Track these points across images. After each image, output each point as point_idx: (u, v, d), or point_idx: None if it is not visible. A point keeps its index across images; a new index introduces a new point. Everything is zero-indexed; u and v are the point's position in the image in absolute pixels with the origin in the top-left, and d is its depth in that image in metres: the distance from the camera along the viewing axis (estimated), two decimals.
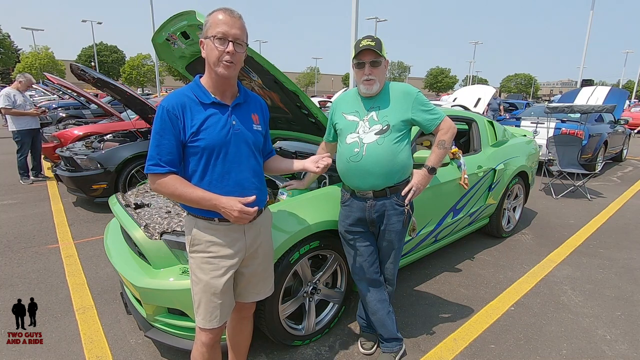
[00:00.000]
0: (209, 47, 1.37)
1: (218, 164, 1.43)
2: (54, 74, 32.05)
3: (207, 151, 1.40)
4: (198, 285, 1.48)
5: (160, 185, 1.40)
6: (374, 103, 1.89)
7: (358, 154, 1.84)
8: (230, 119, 1.44)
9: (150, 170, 1.39)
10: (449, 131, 1.89)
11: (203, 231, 1.46)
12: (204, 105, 1.41)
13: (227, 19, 1.34)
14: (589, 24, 19.28)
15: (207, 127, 1.39)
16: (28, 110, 5.59)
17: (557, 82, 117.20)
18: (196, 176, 1.43)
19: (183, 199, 1.40)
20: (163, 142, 1.37)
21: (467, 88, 9.46)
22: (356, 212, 1.95)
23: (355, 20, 10.10)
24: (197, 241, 1.47)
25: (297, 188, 2.32)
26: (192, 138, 1.38)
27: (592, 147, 6.84)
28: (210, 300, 1.48)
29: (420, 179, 1.90)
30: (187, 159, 1.43)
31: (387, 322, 2.06)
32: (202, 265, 1.47)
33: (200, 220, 1.46)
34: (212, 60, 1.37)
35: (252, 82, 2.54)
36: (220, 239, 1.47)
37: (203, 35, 1.39)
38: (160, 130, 1.37)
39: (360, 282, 2.05)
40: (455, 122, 2.06)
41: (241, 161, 1.47)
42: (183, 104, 1.38)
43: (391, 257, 2.03)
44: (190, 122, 1.38)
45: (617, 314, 2.63)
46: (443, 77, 65.93)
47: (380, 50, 1.79)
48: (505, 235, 3.94)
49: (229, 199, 1.40)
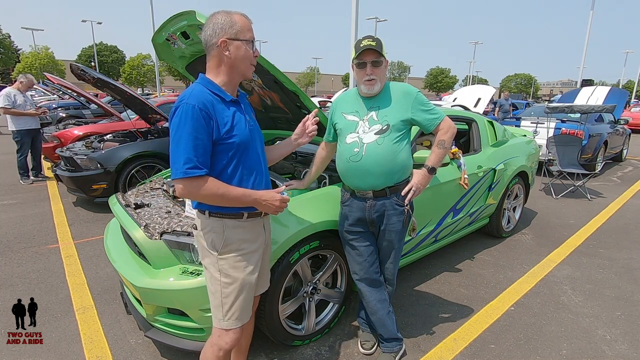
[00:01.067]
0: (241, 49, 1.40)
1: (247, 159, 1.46)
2: (54, 74, 32.05)
3: (241, 147, 1.42)
4: (232, 286, 1.48)
5: (198, 188, 1.35)
6: (374, 103, 1.89)
7: (358, 154, 1.84)
8: (246, 116, 1.49)
9: (189, 174, 1.31)
10: (449, 131, 1.90)
11: (233, 230, 1.47)
12: (226, 103, 1.42)
13: (250, 25, 1.44)
14: (589, 24, 19.27)
15: (237, 124, 1.42)
16: (27, 110, 5.59)
17: (557, 82, 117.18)
18: (226, 173, 1.42)
19: (225, 198, 1.38)
20: (198, 143, 1.32)
21: (467, 88, 9.46)
22: (356, 212, 1.95)
23: (355, 20, 10.10)
24: (229, 241, 1.46)
25: (297, 188, 2.32)
26: (227, 135, 1.38)
27: (592, 147, 6.84)
28: (245, 298, 1.51)
29: (420, 179, 1.90)
30: (215, 156, 1.40)
31: (387, 322, 2.06)
32: (237, 264, 1.48)
33: (228, 220, 1.46)
34: (244, 62, 1.42)
35: (252, 82, 2.55)
36: (248, 234, 1.50)
37: (231, 35, 1.38)
38: (194, 130, 1.31)
39: (360, 282, 2.05)
40: (455, 122, 2.06)
41: (260, 154, 1.54)
42: (211, 102, 1.37)
43: (391, 257, 2.03)
44: (222, 119, 1.38)
45: (617, 314, 2.63)
46: (443, 77, 65.90)
47: (381, 50, 1.80)
48: (505, 235, 3.94)
49: (267, 192, 1.47)
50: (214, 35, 1.38)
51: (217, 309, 1.51)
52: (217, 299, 1.50)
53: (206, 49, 1.43)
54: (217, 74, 1.44)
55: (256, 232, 1.54)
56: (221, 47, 1.38)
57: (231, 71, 1.43)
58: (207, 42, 1.41)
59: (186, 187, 1.34)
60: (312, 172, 2.28)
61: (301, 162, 3.06)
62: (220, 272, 1.48)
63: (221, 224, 1.46)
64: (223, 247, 1.46)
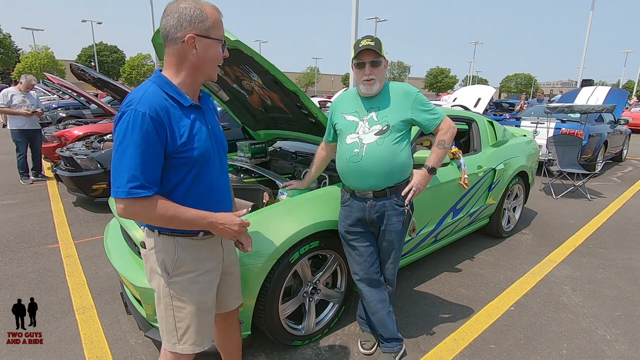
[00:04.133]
0: (211, 49, 1.22)
1: (205, 175, 1.28)
2: (54, 74, 32.04)
3: (199, 161, 1.24)
4: (185, 310, 1.31)
5: (144, 210, 1.16)
6: (374, 103, 1.89)
7: (358, 155, 1.84)
8: (207, 124, 1.30)
9: (133, 194, 1.12)
10: (449, 131, 1.89)
11: (187, 250, 1.29)
12: (184, 110, 1.22)
13: (222, 20, 1.25)
14: (589, 24, 19.28)
15: (196, 134, 1.22)
16: (19, 110, 5.60)
17: (557, 82, 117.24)
18: (179, 191, 1.23)
19: (175, 221, 1.20)
20: (147, 158, 1.12)
21: (467, 88, 9.47)
22: (356, 213, 1.94)
23: (355, 20, 10.11)
24: (182, 261, 1.29)
25: (297, 188, 2.32)
26: (183, 148, 1.19)
27: (592, 147, 6.84)
28: (202, 321, 1.35)
29: (420, 179, 1.90)
30: (167, 172, 1.20)
31: (388, 322, 2.06)
32: (191, 287, 1.30)
33: (180, 239, 1.28)
34: (212, 64, 1.25)
35: (252, 82, 2.54)
36: (203, 253, 1.34)
37: (201, 31, 1.19)
38: (143, 143, 1.11)
39: (360, 282, 2.05)
40: (455, 122, 2.06)
41: (222, 168, 1.36)
42: (165, 109, 1.16)
43: (391, 257, 2.03)
44: (178, 129, 1.18)
45: (617, 314, 2.63)
46: (443, 77, 65.90)
47: (380, 50, 1.79)
48: (505, 235, 3.94)
49: (225, 215, 1.28)
50: (179, 28, 1.17)
51: (170, 334, 1.34)
52: (170, 324, 1.33)
53: (165, 40, 1.21)
54: (177, 73, 1.23)
55: (212, 250, 1.37)
56: (187, 43, 1.17)
57: (195, 72, 1.24)
58: (168, 33, 1.19)
59: (128, 208, 1.14)
60: (312, 172, 2.28)
61: (301, 162, 3.06)
62: (172, 296, 1.30)
63: (172, 243, 1.28)
64: (175, 268, 1.29)
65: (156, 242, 1.29)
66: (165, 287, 1.30)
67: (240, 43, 1.94)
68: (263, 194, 2.38)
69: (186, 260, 1.30)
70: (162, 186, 1.20)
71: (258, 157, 3.21)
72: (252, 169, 2.94)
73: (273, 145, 3.62)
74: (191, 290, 1.31)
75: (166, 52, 1.22)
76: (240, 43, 1.94)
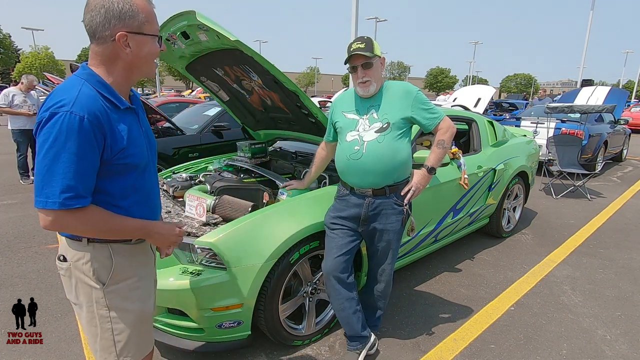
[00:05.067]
0: (145, 45, 1.12)
1: (143, 182, 1.20)
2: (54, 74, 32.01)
3: (138, 169, 1.16)
4: (125, 320, 1.21)
5: (78, 221, 1.06)
6: (374, 102, 1.89)
7: (358, 152, 1.84)
8: (142, 127, 1.22)
9: (68, 205, 1.01)
10: (448, 131, 1.89)
11: (123, 255, 1.20)
12: (120, 112, 1.12)
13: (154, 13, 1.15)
14: (589, 24, 19.27)
15: (134, 139, 1.13)
16: (20, 110, 5.61)
17: (557, 82, 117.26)
18: (118, 200, 1.15)
19: (110, 232, 1.13)
20: (84, 166, 1.02)
21: (467, 88, 9.46)
22: (352, 208, 1.93)
23: (355, 21, 10.11)
24: (120, 269, 1.20)
25: (297, 188, 2.32)
26: (122, 154, 1.10)
27: (592, 147, 6.84)
28: (143, 329, 1.27)
29: (420, 179, 1.90)
30: (103, 179, 1.10)
31: (353, 320, 2.03)
32: (132, 293, 1.22)
33: (115, 245, 1.18)
34: (149, 61, 1.16)
35: (252, 82, 2.55)
36: (140, 257, 1.27)
37: (132, 28, 1.08)
38: (80, 149, 1.00)
39: (329, 278, 1.99)
40: (455, 122, 2.06)
41: (155, 172, 1.29)
42: (105, 112, 1.06)
43: (388, 257, 2.02)
44: (117, 135, 1.09)
45: (617, 314, 2.63)
46: (443, 77, 65.88)
47: (371, 51, 1.78)
48: (505, 235, 3.94)
49: (163, 224, 1.25)
50: (107, 26, 1.05)
51: (106, 351, 1.21)
52: (107, 339, 1.20)
53: (92, 38, 1.08)
54: (109, 72, 1.11)
55: (146, 254, 1.31)
56: (119, 42, 1.07)
57: (130, 71, 1.14)
58: (94, 32, 1.07)
59: (59, 221, 1.04)
60: (312, 172, 2.28)
61: (301, 162, 3.06)
62: (109, 307, 1.19)
63: (106, 250, 1.17)
64: (112, 277, 1.18)
65: (84, 253, 1.15)
66: (102, 298, 1.18)
67: (240, 43, 1.94)
68: (263, 194, 2.38)
69: (124, 266, 1.21)
70: (98, 195, 1.10)
71: (258, 157, 3.21)
72: (252, 169, 2.94)
73: (273, 145, 3.62)
74: (132, 297, 1.22)
75: (93, 50, 1.10)
76: (240, 43, 1.94)
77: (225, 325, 1.89)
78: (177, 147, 4.87)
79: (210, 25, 1.93)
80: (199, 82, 2.96)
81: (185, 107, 6.88)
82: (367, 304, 2.19)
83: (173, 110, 6.91)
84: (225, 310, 1.87)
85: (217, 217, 2.14)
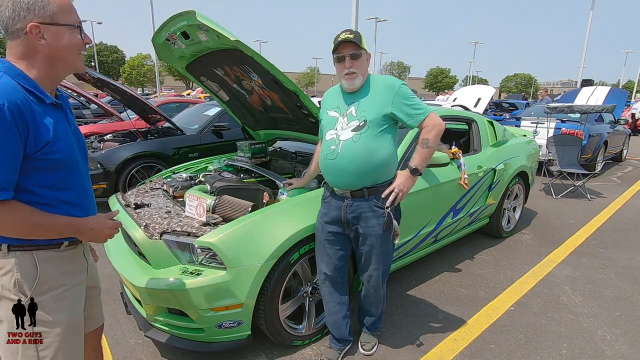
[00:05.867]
0: (63, 36, 1.08)
1: (72, 179, 1.15)
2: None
3: (65, 165, 1.11)
4: (53, 333, 1.13)
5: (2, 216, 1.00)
6: (355, 98, 1.81)
7: (334, 152, 1.78)
8: (71, 125, 1.19)
9: None
10: (434, 129, 1.76)
11: (49, 263, 1.13)
12: (45, 107, 1.08)
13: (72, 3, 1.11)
14: (589, 24, 19.27)
15: (61, 135, 1.09)
16: None
17: (557, 82, 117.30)
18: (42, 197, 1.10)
19: (36, 230, 1.06)
20: (5, 157, 0.97)
21: (467, 88, 9.46)
22: (333, 211, 1.89)
23: (356, 20, 10.11)
24: (46, 277, 1.12)
25: (297, 186, 2.32)
26: (48, 149, 1.05)
27: (592, 147, 6.84)
28: (72, 344, 1.19)
29: (403, 181, 1.79)
30: (28, 175, 1.04)
31: (342, 325, 2.07)
32: (59, 304, 1.14)
33: (41, 252, 1.11)
34: (71, 52, 1.11)
35: (252, 82, 2.55)
36: (69, 265, 1.19)
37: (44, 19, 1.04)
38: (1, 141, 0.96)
39: (323, 283, 2.02)
40: (455, 122, 2.05)
41: (87, 171, 1.25)
42: (27, 103, 1.01)
43: (373, 262, 1.91)
44: (42, 128, 1.04)
45: (617, 314, 2.63)
46: (443, 77, 65.88)
47: (360, 42, 1.72)
48: (505, 235, 3.94)
49: (93, 218, 1.20)
50: (17, 19, 1.02)
51: None
52: (30, 356, 1.14)
53: (6, 33, 1.06)
54: (30, 66, 1.08)
55: (77, 262, 1.23)
56: (31, 34, 1.04)
57: (53, 64, 1.10)
58: (6, 27, 1.04)
59: None
60: (311, 170, 2.28)
61: (301, 162, 3.06)
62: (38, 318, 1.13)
63: (30, 258, 1.09)
64: (37, 287, 1.10)
65: (5, 262, 1.08)
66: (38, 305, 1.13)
67: (240, 43, 1.94)
68: (263, 194, 2.39)
69: (51, 275, 1.13)
70: (23, 192, 1.05)
71: (258, 157, 3.21)
72: (252, 169, 2.94)
73: (273, 145, 3.62)
74: (59, 309, 1.14)
75: (10, 46, 1.07)
76: (240, 43, 1.94)
77: (225, 325, 1.89)
78: (177, 147, 4.88)
79: (210, 25, 1.93)
80: (199, 82, 2.96)
81: (185, 107, 6.89)
82: (363, 309, 2.19)
83: (173, 110, 6.92)
84: (225, 310, 1.87)
85: (217, 217, 2.14)
